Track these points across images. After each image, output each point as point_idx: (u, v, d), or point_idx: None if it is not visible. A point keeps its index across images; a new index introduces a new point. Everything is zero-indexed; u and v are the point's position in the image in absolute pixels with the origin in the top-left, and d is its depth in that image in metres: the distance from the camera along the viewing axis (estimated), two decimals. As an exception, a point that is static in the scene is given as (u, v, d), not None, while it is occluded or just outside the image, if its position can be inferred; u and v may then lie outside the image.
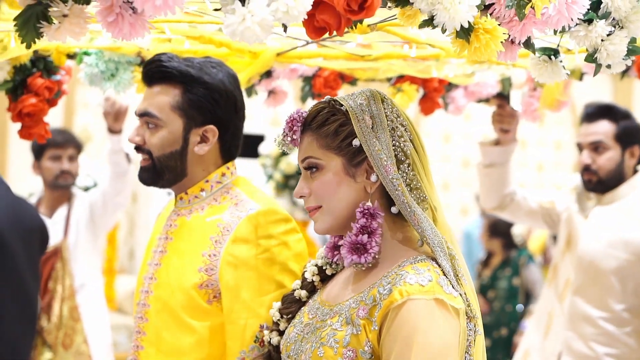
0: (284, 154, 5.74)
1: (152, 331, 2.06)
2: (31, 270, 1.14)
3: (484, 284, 6.13)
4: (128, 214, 8.91)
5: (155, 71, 2.09)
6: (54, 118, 6.83)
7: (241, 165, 2.20)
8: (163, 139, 2.07)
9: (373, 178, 1.71)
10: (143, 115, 2.09)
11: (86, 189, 4.61)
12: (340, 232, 1.78)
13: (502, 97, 3.18)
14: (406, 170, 1.70)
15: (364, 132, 1.70)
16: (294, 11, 1.41)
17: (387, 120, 1.72)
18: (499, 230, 6.07)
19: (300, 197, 1.79)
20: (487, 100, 3.23)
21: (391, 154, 1.70)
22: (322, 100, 1.81)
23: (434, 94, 3.03)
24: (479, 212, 7.65)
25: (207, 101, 2.07)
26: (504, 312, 5.97)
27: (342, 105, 1.74)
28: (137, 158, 2.15)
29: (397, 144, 1.71)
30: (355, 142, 1.71)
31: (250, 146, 1.87)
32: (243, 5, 1.40)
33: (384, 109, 1.73)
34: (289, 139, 1.79)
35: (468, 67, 2.72)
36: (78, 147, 4.21)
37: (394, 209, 1.72)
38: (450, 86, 3.09)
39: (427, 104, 3.07)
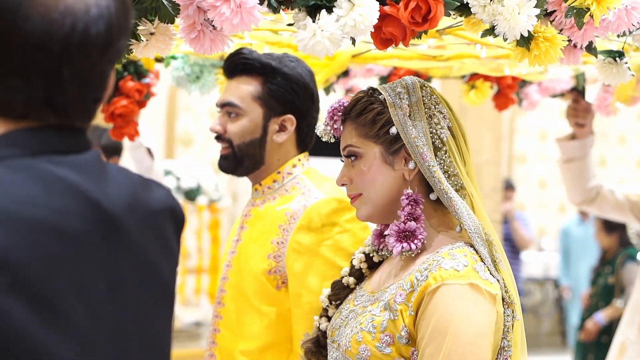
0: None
1: (228, 315, 2.16)
2: (160, 248, 1.19)
3: (592, 280, 6.11)
4: (229, 214, 9.04)
5: (237, 63, 2.18)
6: (156, 121, 7.00)
7: (329, 164, 2.27)
8: (243, 127, 2.16)
9: (411, 165, 1.72)
10: (224, 105, 2.18)
11: (190, 190, 4.48)
12: (381, 220, 1.81)
13: (578, 92, 3.19)
14: (443, 157, 1.71)
15: (400, 120, 1.71)
16: (361, 25, 1.50)
17: (425, 108, 1.73)
18: (612, 225, 5.86)
19: (342, 185, 1.81)
20: (562, 95, 3.24)
21: (428, 141, 1.70)
22: (362, 90, 1.83)
23: (508, 90, 3.05)
24: (577, 210, 7.52)
25: (287, 91, 2.15)
26: (597, 310, 5.91)
27: (380, 94, 1.76)
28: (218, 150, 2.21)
29: (434, 130, 1.71)
30: (392, 130, 1.72)
31: (337, 145, 1.93)
32: (314, 21, 1.50)
33: (422, 96, 1.74)
34: (330, 128, 1.82)
35: (540, 64, 2.74)
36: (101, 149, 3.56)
37: (432, 196, 1.73)
38: (524, 82, 3.10)
39: (501, 100, 3.09)
